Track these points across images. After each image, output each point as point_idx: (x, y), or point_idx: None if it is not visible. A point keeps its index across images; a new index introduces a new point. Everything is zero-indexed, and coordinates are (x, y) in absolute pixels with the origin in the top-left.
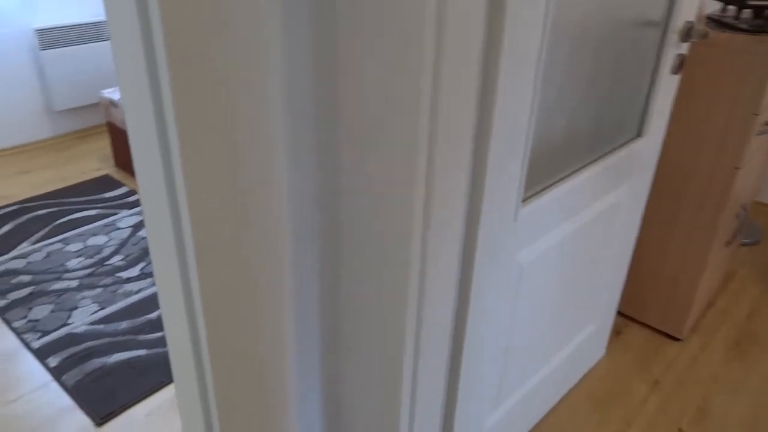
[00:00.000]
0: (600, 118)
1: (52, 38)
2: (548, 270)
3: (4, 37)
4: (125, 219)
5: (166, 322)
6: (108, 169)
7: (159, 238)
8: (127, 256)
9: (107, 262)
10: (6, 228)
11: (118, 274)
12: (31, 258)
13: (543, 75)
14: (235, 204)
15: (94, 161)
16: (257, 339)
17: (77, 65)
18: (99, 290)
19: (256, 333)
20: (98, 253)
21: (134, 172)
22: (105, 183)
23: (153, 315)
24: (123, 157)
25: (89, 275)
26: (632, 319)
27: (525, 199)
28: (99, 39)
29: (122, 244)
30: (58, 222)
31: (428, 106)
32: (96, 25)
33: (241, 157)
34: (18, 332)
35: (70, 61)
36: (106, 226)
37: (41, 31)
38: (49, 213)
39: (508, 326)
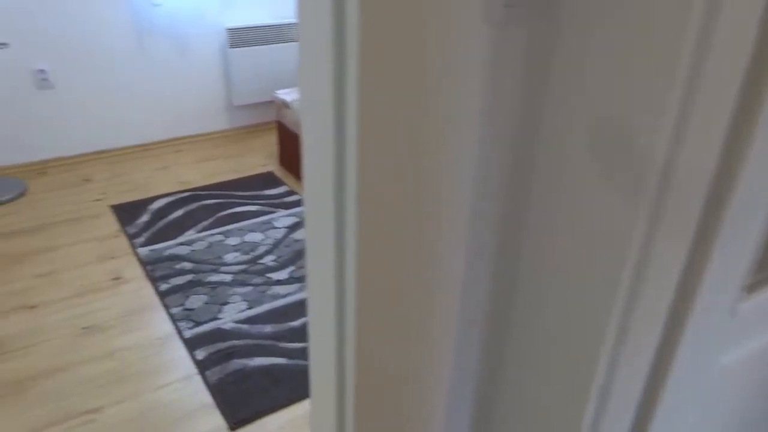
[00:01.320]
0: None
1: (240, 37)
2: (754, 373)
3: (200, 33)
4: (282, 219)
5: (312, 338)
6: (272, 166)
7: (318, 252)
8: (279, 257)
9: (260, 261)
10: (179, 213)
11: (268, 275)
12: (194, 246)
13: None
14: (409, 231)
15: (261, 157)
16: (410, 378)
17: (258, 64)
18: (249, 288)
19: (409, 372)
20: (253, 250)
21: (297, 173)
22: (268, 180)
23: (296, 323)
24: (287, 157)
25: (242, 272)
26: None
27: (749, 289)
28: (281, 41)
29: (276, 244)
30: (223, 213)
31: (662, 162)
32: (280, 27)
33: (423, 186)
34: (174, 319)
35: (253, 60)
36: (263, 223)
37: (232, 30)
38: (216, 204)
39: None
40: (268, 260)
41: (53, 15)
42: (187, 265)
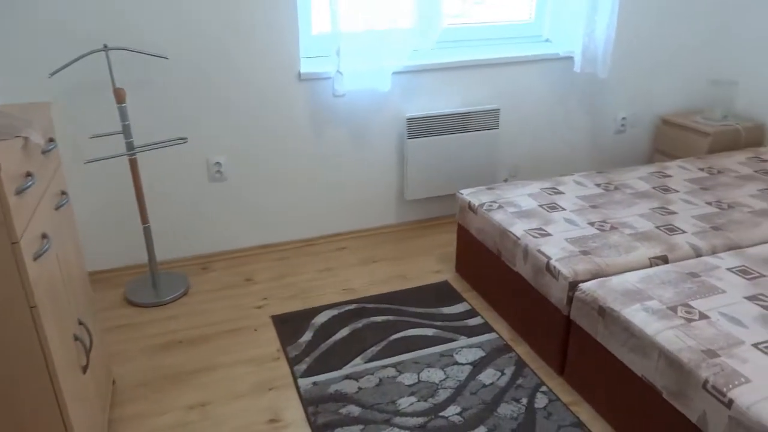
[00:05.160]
0: None
1: (419, 127)
2: None
3: (379, 124)
4: (464, 351)
5: None
6: (447, 273)
7: None
8: (464, 409)
9: (441, 413)
10: (344, 332)
11: None
12: (363, 382)
13: None
14: None
15: (433, 260)
16: None
17: (436, 155)
18: None
19: None
20: (432, 395)
21: (478, 286)
22: (443, 293)
23: None
24: (466, 265)
25: (420, 427)
26: None
27: None
28: (462, 130)
29: (460, 388)
30: (394, 337)
31: None
32: (464, 116)
33: None
34: None
35: (430, 151)
36: (442, 355)
37: (412, 120)
38: (386, 322)
39: None
40: (452, 413)
41: (233, 108)
42: (355, 410)
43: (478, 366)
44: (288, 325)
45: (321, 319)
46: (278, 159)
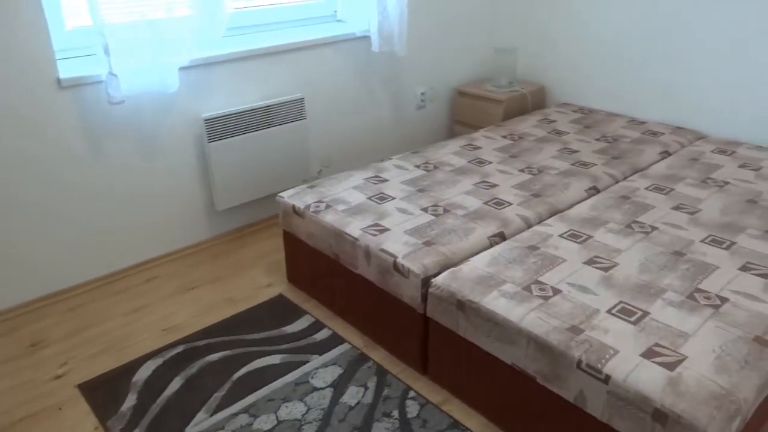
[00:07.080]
0: None
1: (219, 127)
2: None
3: (171, 130)
4: (320, 372)
5: None
6: (280, 285)
7: None
8: None
9: None
10: (177, 384)
11: None
12: None
13: None
14: None
15: (261, 273)
16: None
17: (242, 157)
18: None
19: None
20: None
21: (317, 294)
22: (281, 309)
23: None
24: (300, 274)
25: None
26: None
27: None
28: (266, 125)
29: (325, 417)
30: (237, 376)
31: None
32: (267, 110)
33: None
34: None
35: (236, 153)
36: (297, 384)
37: (210, 121)
38: (223, 360)
39: None
40: None
41: None
42: None
43: (338, 386)
44: (102, 392)
45: (144, 373)
46: (46, 189)
